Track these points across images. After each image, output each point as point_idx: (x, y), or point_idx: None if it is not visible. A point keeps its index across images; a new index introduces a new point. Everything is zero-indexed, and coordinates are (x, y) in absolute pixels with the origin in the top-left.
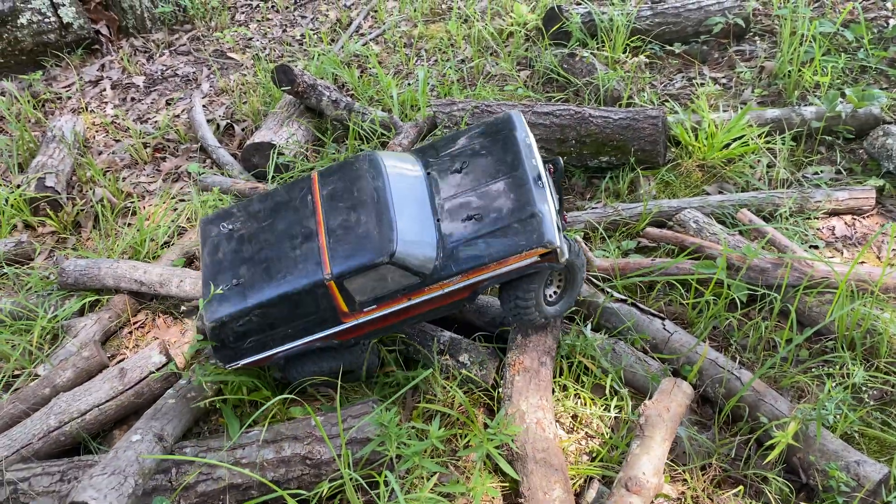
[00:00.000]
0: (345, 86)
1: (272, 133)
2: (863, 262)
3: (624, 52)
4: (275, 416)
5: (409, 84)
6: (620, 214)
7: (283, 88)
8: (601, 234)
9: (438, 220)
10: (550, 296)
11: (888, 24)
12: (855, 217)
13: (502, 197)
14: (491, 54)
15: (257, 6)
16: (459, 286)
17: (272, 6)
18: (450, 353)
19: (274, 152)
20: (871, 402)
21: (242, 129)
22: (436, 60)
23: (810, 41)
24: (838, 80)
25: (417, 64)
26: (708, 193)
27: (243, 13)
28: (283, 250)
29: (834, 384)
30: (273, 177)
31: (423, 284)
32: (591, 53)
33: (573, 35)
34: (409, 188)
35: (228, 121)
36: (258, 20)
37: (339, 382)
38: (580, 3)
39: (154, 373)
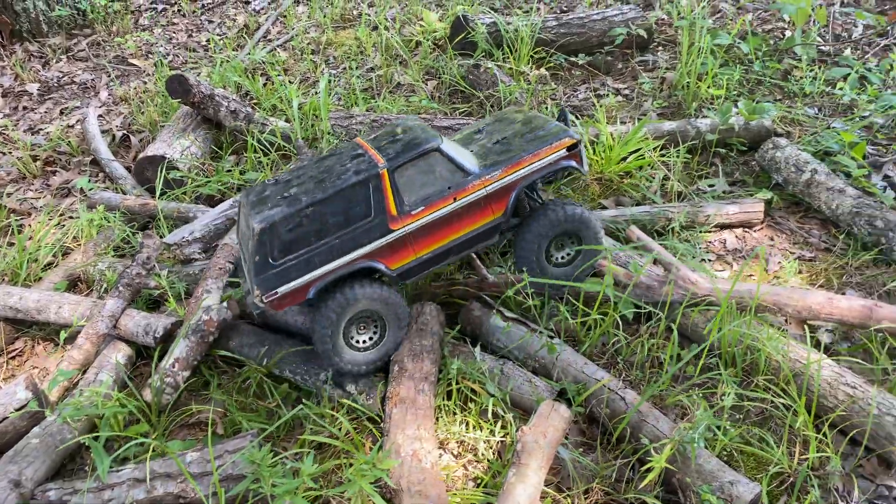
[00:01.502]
0: (248, 94)
1: (166, 146)
2: (751, 276)
3: (528, 63)
4: (154, 450)
5: (315, 93)
6: None
7: (177, 100)
8: (498, 249)
9: (472, 152)
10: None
11: (784, 35)
12: (745, 230)
13: (522, 132)
14: (400, 63)
15: (163, 10)
16: (498, 184)
17: (178, 10)
18: (336, 382)
19: (162, 167)
20: (750, 419)
21: (140, 141)
22: (344, 68)
23: (707, 53)
24: (735, 92)
25: (325, 72)
26: (605, 207)
27: (148, 17)
28: (332, 172)
29: (710, 404)
30: (164, 192)
31: (468, 182)
32: (496, 64)
33: (479, 45)
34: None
35: (125, 131)
36: (163, 25)
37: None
38: (494, 10)
39: (13, 412)
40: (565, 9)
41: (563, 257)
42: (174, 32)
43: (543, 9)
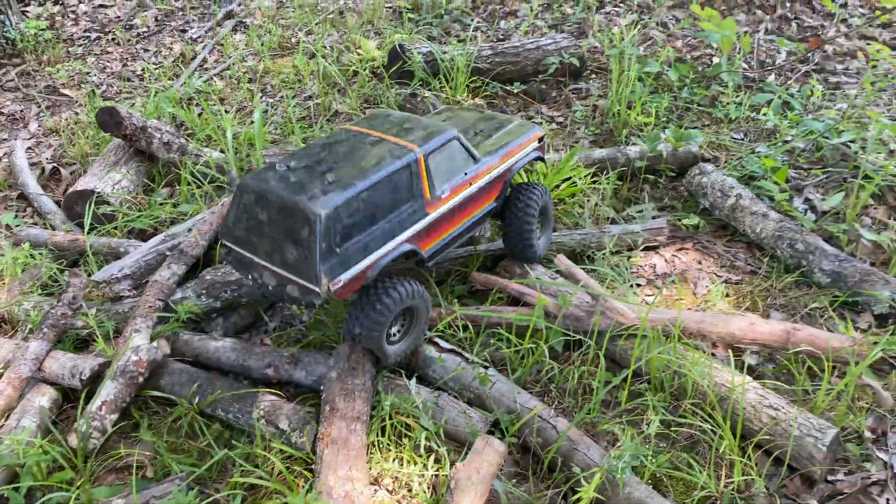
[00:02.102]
0: (183, 124)
1: (97, 179)
2: (680, 300)
3: (465, 92)
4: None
5: (251, 122)
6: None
7: (109, 133)
8: (433, 278)
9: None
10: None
11: (711, 62)
12: (675, 254)
13: (495, 126)
14: (338, 91)
15: (96, 39)
16: (498, 170)
17: (113, 39)
18: (268, 419)
19: (90, 202)
20: (679, 444)
21: (71, 174)
22: (282, 97)
23: (635, 82)
24: (664, 119)
25: (263, 100)
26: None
27: (80, 46)
28: (359, 156)
29: (640, 431)
30: (93, 227)
31: (479, 168)
32: (434, 94)
33: (416, 75)
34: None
35: (55, 164)
36: (97, 54)
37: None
38: (430, 39)
39: None
40: (501, 37)
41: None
42: (108, 61)
43: (480, 37)
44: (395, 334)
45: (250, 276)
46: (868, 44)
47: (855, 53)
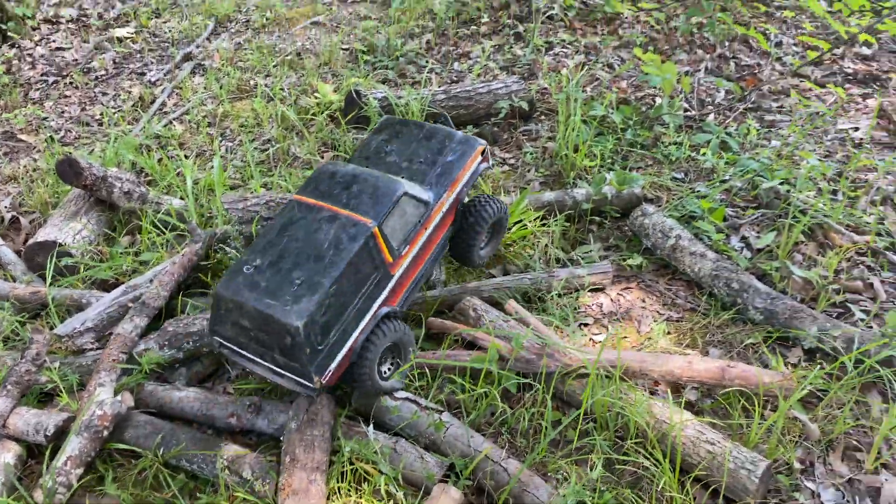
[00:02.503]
0: (143, 171)
1: (57, 230)
2: (625, 337)
3: None
4: None
5: (211, 167)
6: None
7: (69, 184)
8: None
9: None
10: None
11: (654, 102)
12: (620, 293)
13: (437, 148)
14: (297, 135)
15: (54, 82)
16: (449, 202)
17: (71, 83)
18: (232, 468)
19: (52, 255)
20: (624, 481)
21: (30, 222)
22: (241, 141)
23: (580, 125)
24: (609, 161)
25: (222, 145)
26: (493, 275)
27: (38, 90)
28: (313, 242)
29: (584, 470)
30: (55, 277)
31: (430, 211)
32: None
33: (371, 120)
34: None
35: (15, 213)
36: (55, 98)
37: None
38: (385, 82)
39: None
40: (455, 79)
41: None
42: (66, 105)
43: (435, 79)
44: (386, 371)
45: (245, 369)
46: (801, 81)
47: (788, 92)
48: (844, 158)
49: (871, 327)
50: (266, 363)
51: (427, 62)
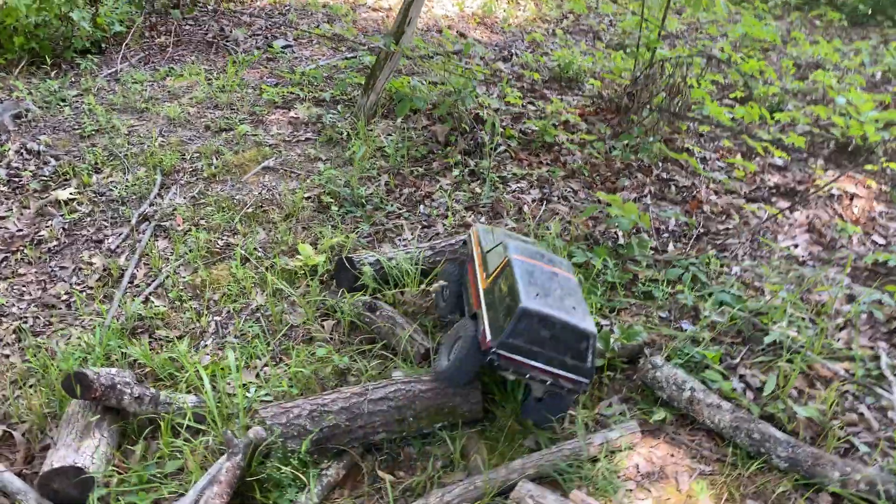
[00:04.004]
0: (136, 361)
1: (73, 452)
2: (668, 499)
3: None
4: None
5: (204, 345)
6: None
7: (75, 398)
8: None
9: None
10: None
11: (617, 234)
12: (650, 449)
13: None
14: (287, 301)
15: (3, 259)
16: None
17: (23, 258)
18: None
19: (90, 486)
20: None
21: (24, 435)
22: (229, 313)
23: None
24: (604, 309)
25: (209, 322)
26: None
27: None
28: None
29: None
30: None
31: None
32: (392, 304)
33: (368, 286)
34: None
35: (5, 427)
36: (9, 278)
37: None
38: (366, 241)
39: None
40: (425, 223)
41: None
42: (24, 286)
43: (407, 225)
44: None
45: (527, 375)
46: (735, 198)
47: (729, 211)
48: (797, 280)
49: (877, 461)
50: (551, 368)
51: (392, 206)
